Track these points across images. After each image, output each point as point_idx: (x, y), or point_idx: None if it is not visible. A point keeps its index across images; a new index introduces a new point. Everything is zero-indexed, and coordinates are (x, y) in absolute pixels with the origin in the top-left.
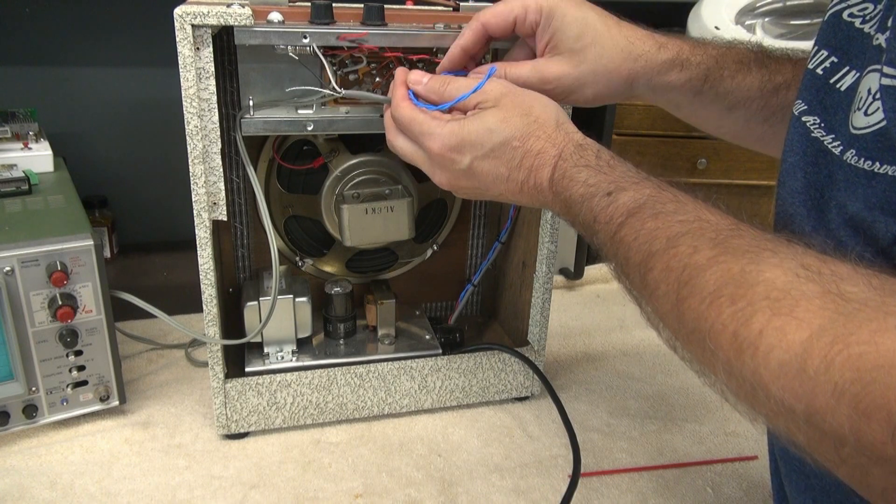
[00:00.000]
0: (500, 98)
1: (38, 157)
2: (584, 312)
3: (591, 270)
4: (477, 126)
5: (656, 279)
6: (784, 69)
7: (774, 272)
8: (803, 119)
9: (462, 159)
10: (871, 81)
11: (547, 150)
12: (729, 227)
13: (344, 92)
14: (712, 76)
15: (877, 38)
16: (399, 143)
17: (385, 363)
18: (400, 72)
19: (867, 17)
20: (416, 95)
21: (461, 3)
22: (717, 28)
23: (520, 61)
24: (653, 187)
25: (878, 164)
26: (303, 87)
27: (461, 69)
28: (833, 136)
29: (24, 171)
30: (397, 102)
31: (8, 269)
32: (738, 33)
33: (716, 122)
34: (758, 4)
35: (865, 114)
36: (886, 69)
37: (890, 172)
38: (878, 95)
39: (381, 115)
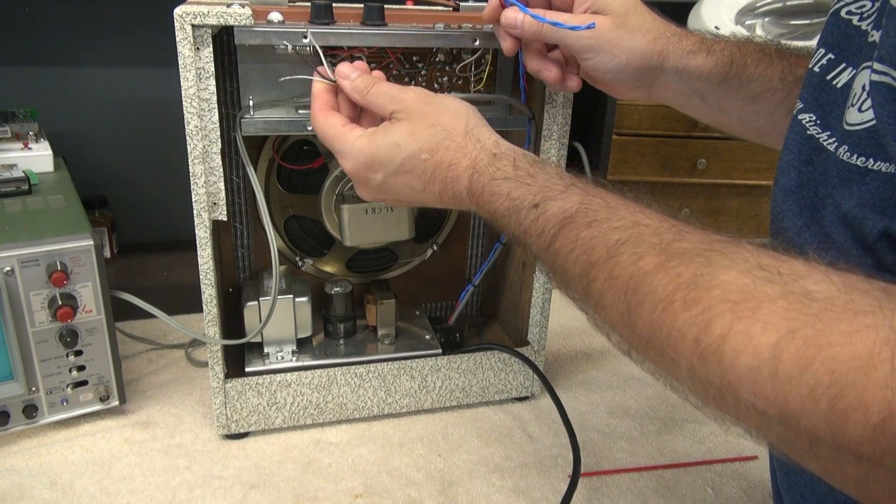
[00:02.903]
0: (414, 106)
1: (38, 157)
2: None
3: None
4: (385, 142)
5: (600, 289)
6: (804, 62)
7: (729, 274)
8: (799, 117)
9: (375, 176)
10: (865, 78)
11: (458, 161)
12: (671, 230)
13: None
14: (737, 62)
15: (872, 35)
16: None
17: (385, 363)
18: (321, 69)
19: (864, 15)
20: (342, 90)
21: (461, 3)
22: (717, 28)
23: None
24: (581, 193)
25: (871, 160)
26: (297, 77)
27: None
28: (828, 132)
29: (24, 171)
30: (312, 112)
31: (8, 269)
32: (738, 33)
33: (739, 115)
34: (758, 4)
35: (859, 110)
36: (877, 65)
37: (883, 169)
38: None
39: None
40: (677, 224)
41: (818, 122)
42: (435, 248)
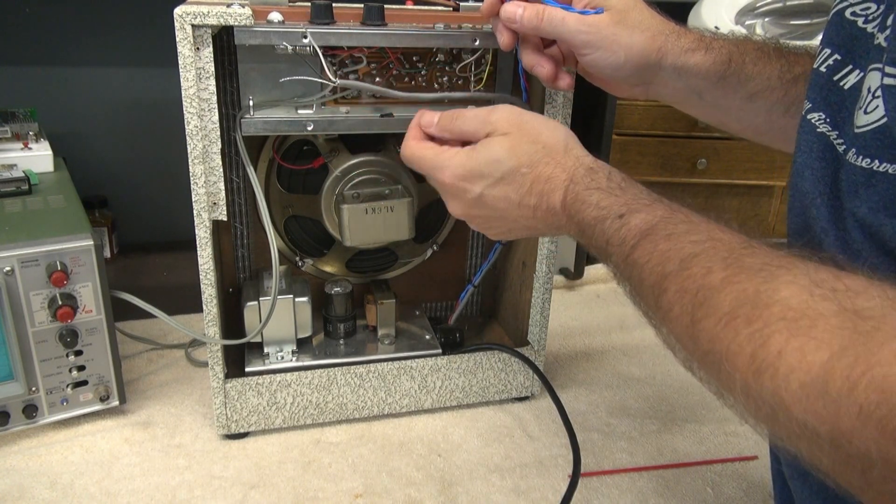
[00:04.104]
0: (509, 126)
1: (38, 157)
2: (584, 312)
3: (591, 270)
4: (485, 156)
5: (670, 301)
6: (802, 61)
7: (790, 290)
8: (809, 117)
9: (473, 188)
10: (872, 80)
11: (557, 174)
12: (741, 246)
13: (339, 82)
14: (735, 60)
15: (877, 38)
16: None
17: (385, 363)
18: (417, 114)
19: (870, 17)
20: (432, 138)
21: (461, 3)
22: (716, 28)
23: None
24: (665, 209)
25: (876, 161)
26: (297, 77)
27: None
28: (837, 132)
29: (24, 171)
30: (405, 142)
31: (8, 269)
32: (737, 32)
33: (737, 113)
34: (758, 4)
35: (865, 112)
36: (888, 69)
37: (890, 171)
38: (877, 94)
39: (382, 115)
40: (750, 241)
41: (828, 120)
42: (435, 248)
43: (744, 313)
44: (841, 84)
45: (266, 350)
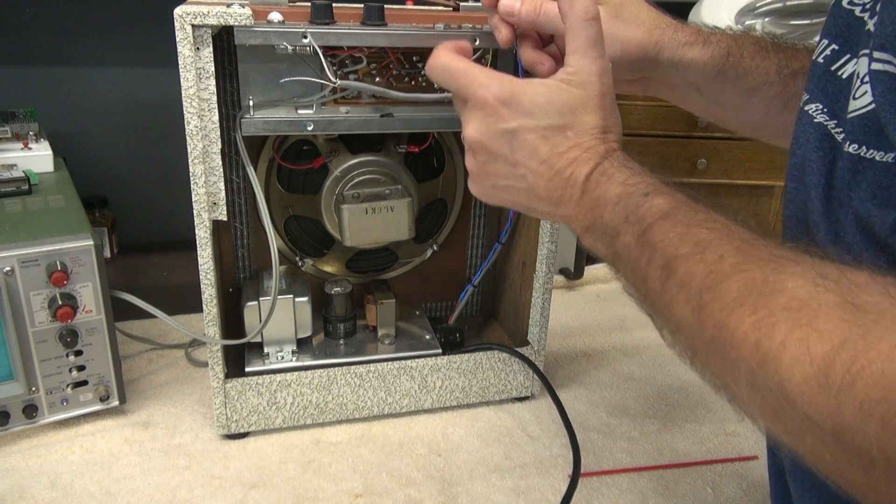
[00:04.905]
0: (589, 78)
1: (38, 157)
2: (584, 312)
3: (591, 270)
4: (544, 93)
5: (678, 283)
6: (800, 55)
7: (796, 281)
8: (806, 108)
9: (510, 117)
10: (861, 66)
11: (595, 147)
12: (754, 238)
13: (339, 82)
14: (733, 55)
15: (868, 24)
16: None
17: (385, 363)
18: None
19: (866, 7)
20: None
21: (461, 3)
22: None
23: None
24: (686, 197)
25: (864, 148)
26: (297, 78)
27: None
28: (835, 121)
29: (24, 171)
30: (437, 52)
31: (8, 269)
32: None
33: (735, 108)
34: (758, 4)
35: (854, 98)
36: (877, 54)
37: (877, 158)
38: (866, 79)
39: (382, 115)
40: (763, 236)
41: (825, 110)
42: (435, 248)
43: (750, 301)
44: (839, 73)
45: (266, 350)
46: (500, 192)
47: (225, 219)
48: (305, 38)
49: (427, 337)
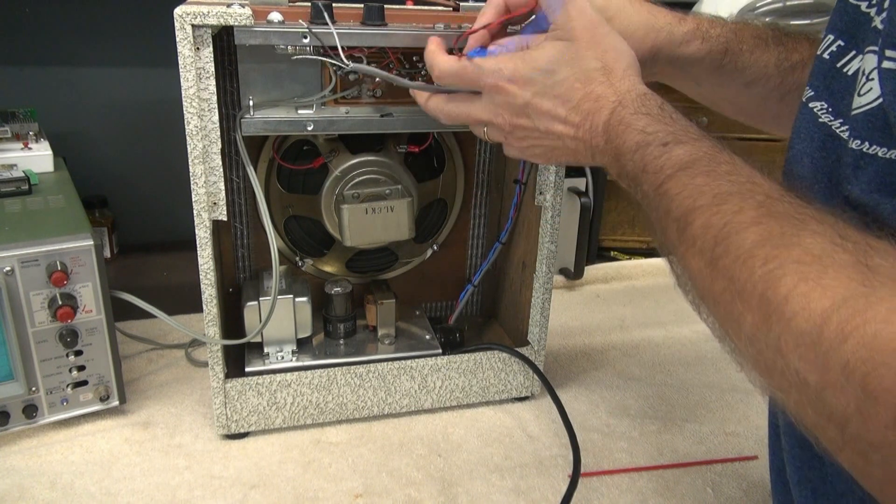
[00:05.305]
0: (582, 32)
1: (38, 157)
2: (584, 312)
3: (591, 270)
4: (540, 56)
5: (694, 234)
6: (801, 47)
7: (814, 238)
8: (811, 105)
9: (521, 93)
10: (868, 62)
11: (607, 94)
12: (778, 192)
13: (352, 65)
14: (732, 49)
15: (874, 20)
16: (441, 106)
17: (385, 363)
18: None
19: (873, 2)
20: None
21: (461, 3)
22: None
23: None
24: (710, 146)
25: (867, 144)
26: (308, 57)
27: (483, 47)
28: (841, 120)
29: (24, 171)
30: (439, 59)
31: (8, 269)
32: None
33: (734, 99)
34: (758, 4)
35: (859, 94)
36: (888, 52)
37: (880, 154)
38: (872, 76)
39: (382, 115)
40: (788, 191)
41: (830, 109)
42: (435, 248)
43: (763, 253)
44: (844, 70)
45: (266, 350)
46: (552, 155)
47: (225, 219)
48: (305, 38)
49: (427, 337)
